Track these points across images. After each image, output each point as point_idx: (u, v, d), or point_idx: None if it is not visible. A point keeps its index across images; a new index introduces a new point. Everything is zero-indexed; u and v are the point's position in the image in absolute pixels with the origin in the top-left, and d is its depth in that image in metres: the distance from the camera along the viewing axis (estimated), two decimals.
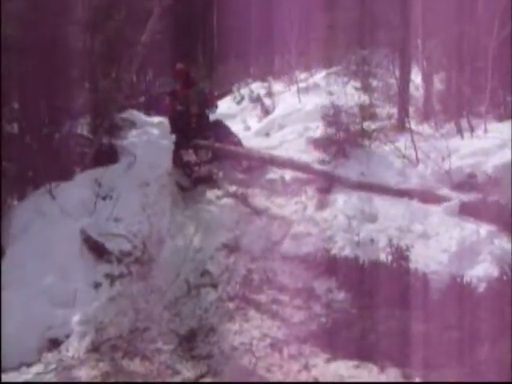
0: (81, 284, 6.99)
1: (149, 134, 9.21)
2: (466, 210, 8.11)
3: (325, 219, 8.31)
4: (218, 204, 9.22)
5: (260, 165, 9.96)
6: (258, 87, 14.93)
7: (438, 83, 11.88)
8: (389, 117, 10.65)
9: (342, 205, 8.54)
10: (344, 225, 8.11)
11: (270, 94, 14.18)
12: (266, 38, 16.02)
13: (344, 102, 9.94)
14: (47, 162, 7.96)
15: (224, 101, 14.68)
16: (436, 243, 7.65)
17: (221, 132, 10.72)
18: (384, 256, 7.49)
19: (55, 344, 6.43)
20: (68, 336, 6.48)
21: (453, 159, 8.61)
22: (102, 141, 8.81)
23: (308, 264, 7.69)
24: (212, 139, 10.34)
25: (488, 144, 8.87)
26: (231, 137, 10.69)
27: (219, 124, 11.04)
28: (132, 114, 9.57)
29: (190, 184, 9.83)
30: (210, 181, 9.83)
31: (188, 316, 7.02)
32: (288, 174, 9.56)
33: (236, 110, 14.23)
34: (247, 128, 12.77)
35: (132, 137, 9.06)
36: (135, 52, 9.22)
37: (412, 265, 7.31)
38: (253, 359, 6.36)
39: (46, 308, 6.66)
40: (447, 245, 7.55)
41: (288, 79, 14.97)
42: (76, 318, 6.61)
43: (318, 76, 14.46)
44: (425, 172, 8.87)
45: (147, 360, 6.30)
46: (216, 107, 11.46)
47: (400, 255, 7.42)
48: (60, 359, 6.24)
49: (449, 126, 10.23)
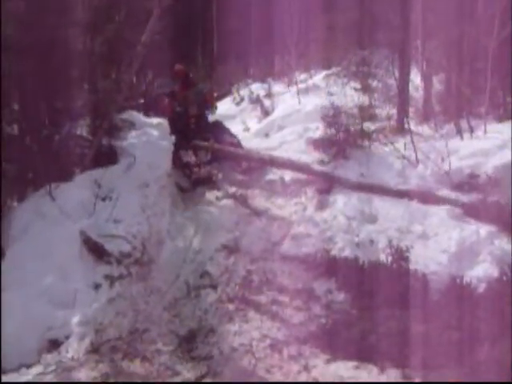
0: (80, 285, 6.99)
1: (148, 135, 9.23)
2: (466, 211, 8.12)
3: (325, 220, 8.30)
4: (218, 205, 9.22)
5: (260, 166, 9.95)
6: (258, 88, 14.87)
7: (438, 84, 11.88)
8: (388, 118, 10.62)
9: (342, 206, 8.53)
10: (344, 226, 8.11)
11: (270, 95, 14.14)
12: (266, 39, 16.01)
13: (344, 103, 9.94)
14: (47, 163, 7.97)
15: (224, 102, 14.66)
16: (436, 244, 7.64)
17: (220, 133, 10.70)
18: (384, 257, 7.50)
19: (55, 345, 6.44)
20: (68, 337, 6.49)
21: (452, 160, 8.60)
22: (102, 142, 8.82)
23: (308, 265, 7.69)
24: (211, 140, 10.31)
25: (488, 145, 8.86)
26: (231, 138, 10.67)
27: (219, 125, 11.02)
28: (131, 115, 9.58)
29: (190, 185, 9.82)
30: (210, 182, 9.81)
31: (188, 317, 7.02)
32: (288, 175, 9.55)
33: (235, 111, 14.18)
34: (247, 129, 12.74)
35: (131, 138, 9.08)
36: (135, 53, 9.22)
37: (412, 265, 7.32)
38: (252, 360, 6.36)
39: (46, 309, 6.67)
40: (447, 245, 7.55)
41: (288, 80, 14.94)
42: (76, 319, 6.62)
43: (318, 77, 14.44)
44: (424, 173, 8.86)
45: (147, 361, 6.31)
46: (215, 108, 11.45)
47: (400, 256, 7.43)
48: (60, 360, 6.25)
49: (448, 127, 10.21)
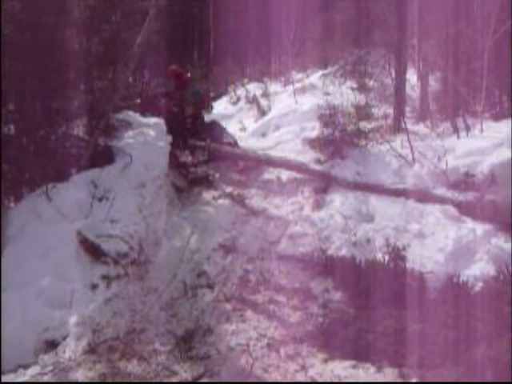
0: (77, 285, 6.97)
1: (145, 135, 9.23)
2: (463, 210, 8.13)
3: (321, 219, 8.32)
4: (215, 205, 9.21)
5: (256, 165, 9.96)
6: (254, 88, 14.91)
7: (434, 83, 11.90)
8: (385, 117, 10.66)
9: (339, 205, 8.55)
10: (341, 225, 8.13)
11: (267, 95, 14.17)
12: (262, 39, 16.04)
13: (340, 103, 9.96)
14: (43, 164, 7.97)
15: (220, 101, 14.68)
16: (432, 243, 7.67)
17: (217, 133, 10.72)
18: (381, 256, 7.50)
19: (52, 345, 6.42)
20: (65, 337, 6.47)
21: (449, 159, 8.62)
22: (98, 142, 8.81)
23: (305, 264, 7.69)
24: (208, 140, 10.33)
25: (484, 143, 8.88)
26: (227, 137, 10.69)
27: (215, 125, 11.04)
28: (128, 115, 9.58)
29: (187, 185, 9.81)
30: (207, 182, 9.82)
31: (185, 317, 7.00)
32: (284, 175, 9.57)
33: (232, 111, 14.20)
34: (243, 128, 12.76)
35: (128, 138, 9.08)
36: (131, 53, 9.21)
37: (409, 264, 7.33)
38: (250, 360, 6.35)
39: (43, 309, 6.65)
40: (444, 244, 7.58)
41: (284, 80, 14.98)
42: (73, 320, 6.60)
43: (314, 76, 14.48)
44: (421, 172, 8.88)
45: (144, 361, 6.29)
46: (211, 108, 11.45)
47: (396, 255, 7.43)
48: (57, 361, 6.22)
49: (445, 126, 10.25)
